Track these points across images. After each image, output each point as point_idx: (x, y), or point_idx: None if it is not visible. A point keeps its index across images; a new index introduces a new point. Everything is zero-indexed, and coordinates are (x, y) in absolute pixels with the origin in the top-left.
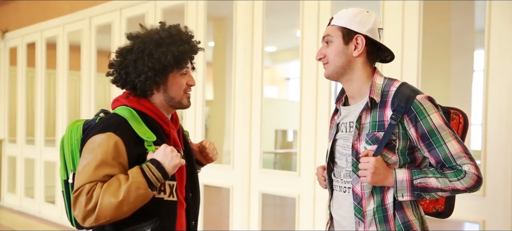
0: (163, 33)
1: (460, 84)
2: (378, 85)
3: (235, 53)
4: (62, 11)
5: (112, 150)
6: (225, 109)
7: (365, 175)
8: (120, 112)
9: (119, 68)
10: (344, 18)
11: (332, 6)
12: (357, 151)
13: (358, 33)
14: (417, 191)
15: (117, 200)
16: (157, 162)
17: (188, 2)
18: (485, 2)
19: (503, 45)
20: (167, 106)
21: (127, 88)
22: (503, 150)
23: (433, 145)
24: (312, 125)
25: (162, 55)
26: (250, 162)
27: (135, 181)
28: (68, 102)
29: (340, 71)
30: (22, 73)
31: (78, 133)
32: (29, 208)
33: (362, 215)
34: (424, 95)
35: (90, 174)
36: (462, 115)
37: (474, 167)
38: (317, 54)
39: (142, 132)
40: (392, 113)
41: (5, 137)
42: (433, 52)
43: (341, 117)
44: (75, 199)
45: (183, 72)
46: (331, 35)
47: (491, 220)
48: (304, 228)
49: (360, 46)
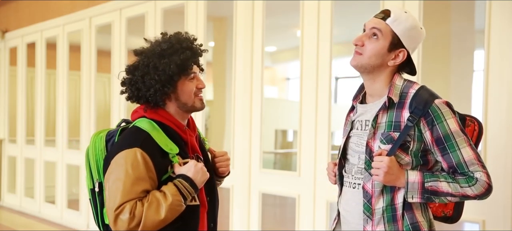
0: (164, 44)
1: (460, 85)
2: (398, 86)
3: (235, 53)
4: (62, 11)
5: (142, 165)
6: (225, 109)
7: (378, 173)
8: (142, 125)
9: (130, 86)
10: (401, 25)
11: (332, 6)
12: (371, 149)
13: (404, 48)
14: (427, 194)
15: (160, 218)
16: (190, 179)
17: (188, 2)
18: (485, 2)
19: (503, 45)
20: (182, 113)
21: (141, 102)
22: (503, 150)
23: (447, 149)
24: (312, 125)
25: (166, 66)
26: (250, 162)
27: (175, 199)
28: (68, 102)
29: (369, 69)
30: (22, 73)
31: (101, 143)
32: (29, 208)
33: (371, 213)
34: (443, 100)
35: (128, 191)
36: (477, 123)
37: (486, 175)
38: (356, 39)
39: (164, 144)
40: (409, 115)
41: (5, 137)
42: (433, 52)
43: (357, 115)
44: (116, 216)
45: (190, 77)
46: (382, 31)
47: (491, 220)
48: (304, 228)
49: (400, 60)
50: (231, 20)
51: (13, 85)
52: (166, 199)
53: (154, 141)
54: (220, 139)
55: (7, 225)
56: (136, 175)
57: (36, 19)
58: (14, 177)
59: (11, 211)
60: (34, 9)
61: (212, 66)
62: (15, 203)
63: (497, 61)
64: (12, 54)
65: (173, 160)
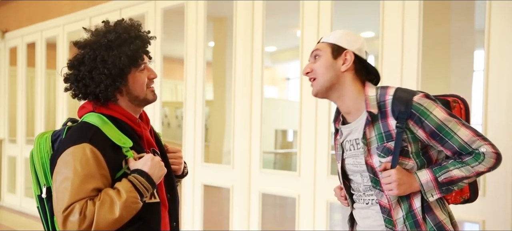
0: (110, 35)
1: (460, 85)
2: (372, 97)
3: (235, 53)
4: (62, 11)
5: (92, 161)
6: (225, 109)
7: (391, 188)
8: (90, 119)
9: (76, 82)
10: (333, 36)
11: (332, 6)
12: (371, 166)
13: (347, 49)
14: (444, 186)
15: (114, 217)
16: (146, 174)
17: (188, 2)
18: (485, 2)
19: (503, 45)
20: (134, 107)
21: (90, 99)
22: (503, 150)
23: (444, 139)
24: (312, 125)
25: (116, 58)
26: (250, 162)
27: (130, 196)
28: (68, 102)
29: (328, 86)
30: (22, 73)
31: (47, 144)
32: (29, 208)
33: (393, 224)
34: (420, 95)
35: (76, 190)
36: (461, 101)
37: (490, 146)
38: (304, 68)
39: (117, 138)
40: (396, 122)
41: (5, 137)
42: (433, 52)
43: (344, 136)
44: (64, 218)
45: (141, 68)
46: (320, 50)
47: (491, 220)
48: (304, 228)
49: (349, 61)
50: (231, 20)
51: (13, 85)
52: (120, 197)
53: (105, 135)
54: (220, 139)
55: (7, 225)
56: (85, 172)
57: (36, 19)
58: (14, 177)
59: (11, 211)
60: (34, 9)
61: (212, 66)
62: (15, 203)
63: (497, 61)
64: (12, 54)
65: (127, 154)
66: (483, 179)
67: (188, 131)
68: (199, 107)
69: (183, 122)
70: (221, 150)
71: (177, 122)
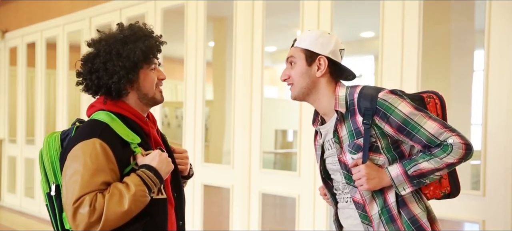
0: (126, 31)
1: (460, 85)
2: (341, 96)
3: (235, 53)
4: (62, 11)
5: (102, 156)
6: (225, 109)
7: (361, 183)
8: (99, 117)
9: (89, 75)
10: (306, 40)
11: (332, 6)
12: (344, 163)
13: (321, 54)
14: (415, 179)
15: (123, 210)
16: (154, 169)
17: (188, 2)
18: (485, 2)
19: (503, 45)
20: (142, 105)
21: (102, 92)
22: (503, 150)
23: (411, 132)
24: (312, 125)
25: (131, 52)
26: (250, 162)
27: (139, 190)
28: (68, 102)
29: (305, 92)
30: (22, 73)
31: (56, 143)
32: (29, 208)
33: (369, 220)
34: (386, 91)
35: (86, 183)
36: (436, 96)
37: (458, 137)
38: (281, 75)
39: (125, 134)
40: (363, 119)
41: (5, 137)
42: (433, 52)
43: (322, 137)
44: (74, 210)
45: (152, 67)
46: (295, 56)
47: (491, 220)
48: (304, 228)
49: (323, 67)
50: (231, 20)
51: (13, 85)
52: (129, 190)
53: (113, 131)
54: (220, 139)
55: (7, 225)
56: (95, 166)
57: (36, 19)
58: (14, 177)
59: (11, 211)
60: (34, 9)
61: (212, 66)
62: (15, 203)
63: (497, 61)
64: (12, 54)
65: (135, 150)
66: (483, 179)
67: (188, 131)
68: (199, 107)
69: (183, 122)
70: (221, 150)
71: (177, 121)
